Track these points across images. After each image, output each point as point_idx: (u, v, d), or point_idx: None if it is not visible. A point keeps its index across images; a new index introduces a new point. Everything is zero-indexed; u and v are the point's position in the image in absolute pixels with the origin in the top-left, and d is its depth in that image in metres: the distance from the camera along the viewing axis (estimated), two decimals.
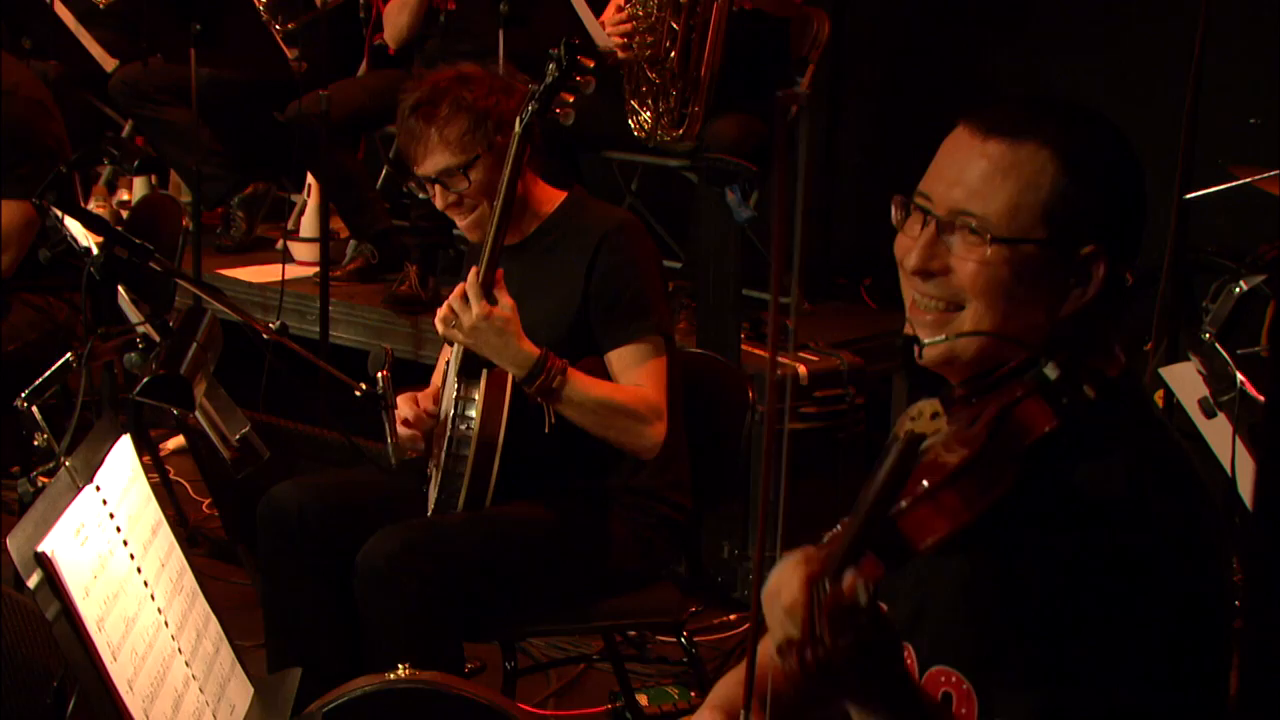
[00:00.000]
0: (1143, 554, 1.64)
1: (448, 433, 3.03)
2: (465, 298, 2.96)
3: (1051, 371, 1.66)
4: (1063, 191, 1.71)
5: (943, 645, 1.76)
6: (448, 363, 3.24)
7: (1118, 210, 1.74)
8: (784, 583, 1.65)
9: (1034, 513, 1.68)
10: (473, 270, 3.00)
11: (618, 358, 3.05)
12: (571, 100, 2.99)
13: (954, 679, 1.74)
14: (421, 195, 3.18)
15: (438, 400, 3.20)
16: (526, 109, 2.97)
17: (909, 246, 1.78)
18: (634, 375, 3.03)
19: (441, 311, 3.01)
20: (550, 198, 3.16)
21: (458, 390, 3.04)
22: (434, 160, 3.08)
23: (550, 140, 3.41)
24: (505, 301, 2.96)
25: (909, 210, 1.79)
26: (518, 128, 2.97)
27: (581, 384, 2.99)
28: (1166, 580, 1.65)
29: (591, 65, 2.98)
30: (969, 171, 1.74)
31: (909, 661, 1.78)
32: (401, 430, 3.11)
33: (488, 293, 2.97)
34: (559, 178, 3.29)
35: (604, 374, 3.06)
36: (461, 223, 3.13)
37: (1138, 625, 1.64)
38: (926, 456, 1.63)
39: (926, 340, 1.75)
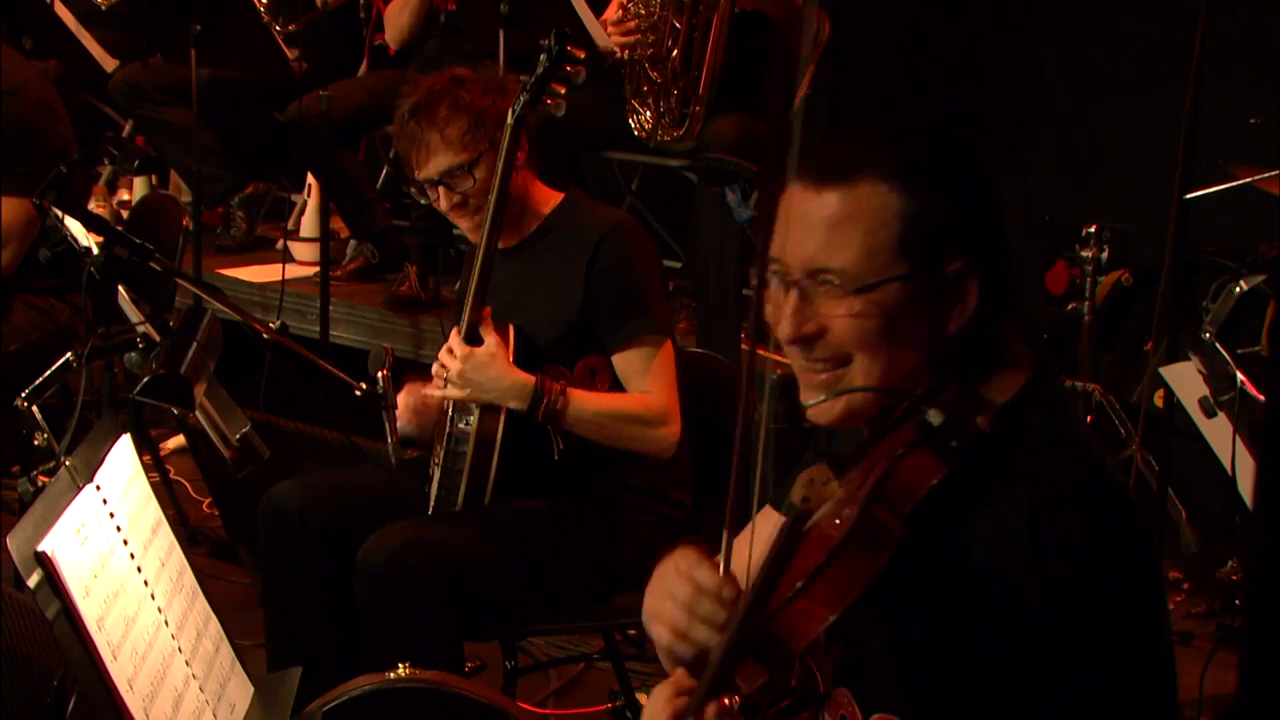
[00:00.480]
0: (1051, 609, 1.62)
1: (447, 430, 3.03)
2: (451, 351, 2.99)
3: (935, 418, 1.62)
4: (910, 219, 1.65)
5: (882, 693, 1.74)
6: None
7: (971, 218, 1.69)
8: (653, 717, 1.64)
9: (937, 568, 1.65)
10: (453, 332, 3.02)
11: (623, 360, 3.06)
12: (563, 91, 2.99)
13: None
14: (423, 200, 3.17)
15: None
16: (517, 101, 2.97)
17: (778, 317, 1.74)
18: (640, 377, 3.04)
19: (434, 369, 3.03)
20: (548, 198, 3.16)
21: None
22: (437, 162, 3.06)
23: (550, 140, 3.41)
24: (491, 339, 2.98)
25: (765, 280, 1.73)
26: (509, 119, 2.97)
27: (584, 401, 3.00)
28: (1079, 627, 1.62)
29: (582, 56, 2.98)
30: (814, 227, 1.68)
31: (848, 707, 1.76)
32: (403, 420, 3.12)
33: (474, 333, 2.98)
34: (559, 178, 3.29)
35: (608, 371, 3.06)
36: (465, 224, 3.12)
37: (1054, 669, 1.62)
38: (811, 532, 1.59)
39: (811, 401, 1.71)
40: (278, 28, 5.34)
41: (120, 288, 3.06)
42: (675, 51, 4.64)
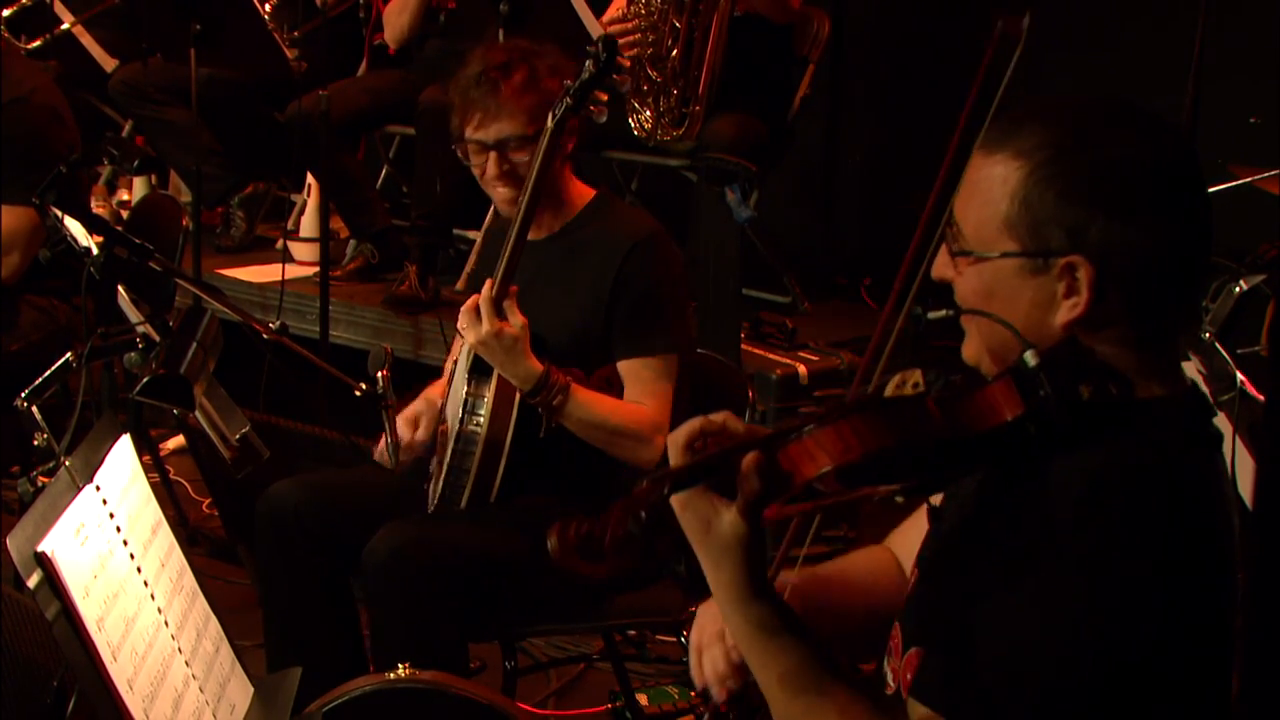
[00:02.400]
0: (1081, 554, 1.59)
1: (456, 429, 3.03)
2: (478, 310, 2.96)
3: (1031, 358, 1.62)
4: (1024, 201, 1.66)
5: (917, 625, 1.77)
6: (454, 362, 3.24)
7: (1097, 218, 1.65)
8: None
9: (996, 507, 1.69)
10: (487, 283, 2.99)
11: (628, 368, 3.05)
12: (605, 99, 2.97)
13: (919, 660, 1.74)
14: (466, 162, 3.14)
15: (444, 393, 3.20)
16: (561, 104, 2.93)
17: None
18: (640, 388, 3.03)
19: (464, 308, 3.00)
20: (581, 194, 3.15)
21: (468, 387, 3.04)
22: (500, 126, 3.04)
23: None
24: (516, 320, 2.96)
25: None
26: (550, 123, 2.93)
27: (583, 402, 2.99)
28: (1105, 582, 1.58)
29: (628, 65, 2.95)
30: (963, 182, 1.74)
31: (896, 639, 1.80)
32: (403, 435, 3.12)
33: (499, 308, 2.96)
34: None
35: (619, 385, 3.06)
36: (504, 194, 3.08)
37: (1053, 624, 1.60)
38: None
39: (932, 314, 1.77)
40: (282, 35, 5.32)
41: (120, 288, 3.05)
42: (675, 51, 4.64)
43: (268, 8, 5.33)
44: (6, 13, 5.50)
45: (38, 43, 5.73)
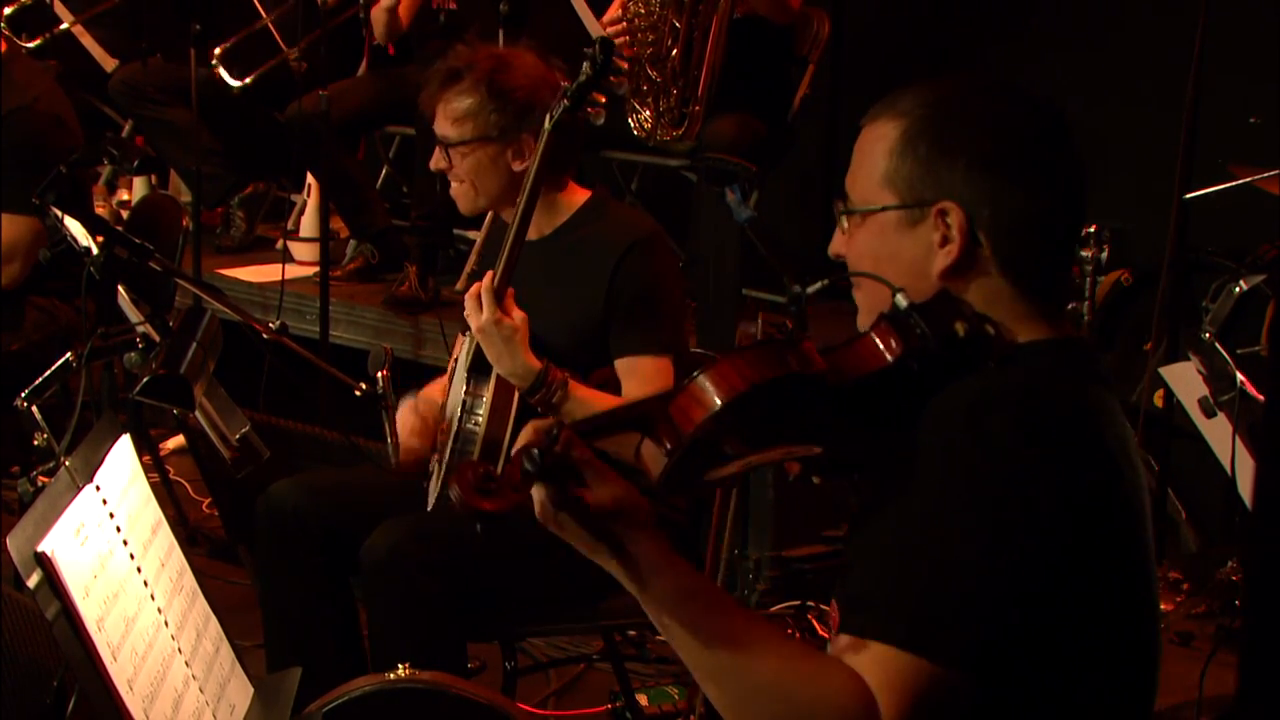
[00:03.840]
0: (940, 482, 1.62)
1: (454, 429, 3.03)
2: (480, 299, 2.97)
3: (902, 300, 1.68)
4: (899, 154, 1.77)
5: (838, 585, 1.78)
6: (456, 359, 3.24)
7: (969, 169, 1.74)
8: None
9: (889, 449, 1.72)
10: (489, 274, 3.00)
11: (625, 365, 3.06)
12: (604, 101, 2.98)
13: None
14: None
15: (445, 391, 3.20)
16: (557, 106, 2.94)
17: None
18: (638, 384, 3.03)
19: (468, 295, 3.02)
20: (577, 195, 3.16)
21: (467, 387, 3.04)
22: (438, 124, 3.15)
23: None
24: (516, 314, 2.97)
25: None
26: (547, 125, 2.94)
27: (583, 400, 2.99)
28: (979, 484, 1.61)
29: (625, 66, 2.97)
30: (851, 159, 1.84)
31: (832, 616, 1.79)
32: (405, 440, 3.12)
33: (500, 300, 2.97)
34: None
35: (617, 386, 3.06)
36: (453, 188, 3.18)
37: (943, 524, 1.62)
38: None
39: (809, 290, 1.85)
40: (291, 52, 5.30)
41: (120, 288, 3.05)
42: (675, 51, 4.64)
43: (273, 26, 5.31)
44: (7, 10, 5.50)
45: (38, 41, 5.73)
